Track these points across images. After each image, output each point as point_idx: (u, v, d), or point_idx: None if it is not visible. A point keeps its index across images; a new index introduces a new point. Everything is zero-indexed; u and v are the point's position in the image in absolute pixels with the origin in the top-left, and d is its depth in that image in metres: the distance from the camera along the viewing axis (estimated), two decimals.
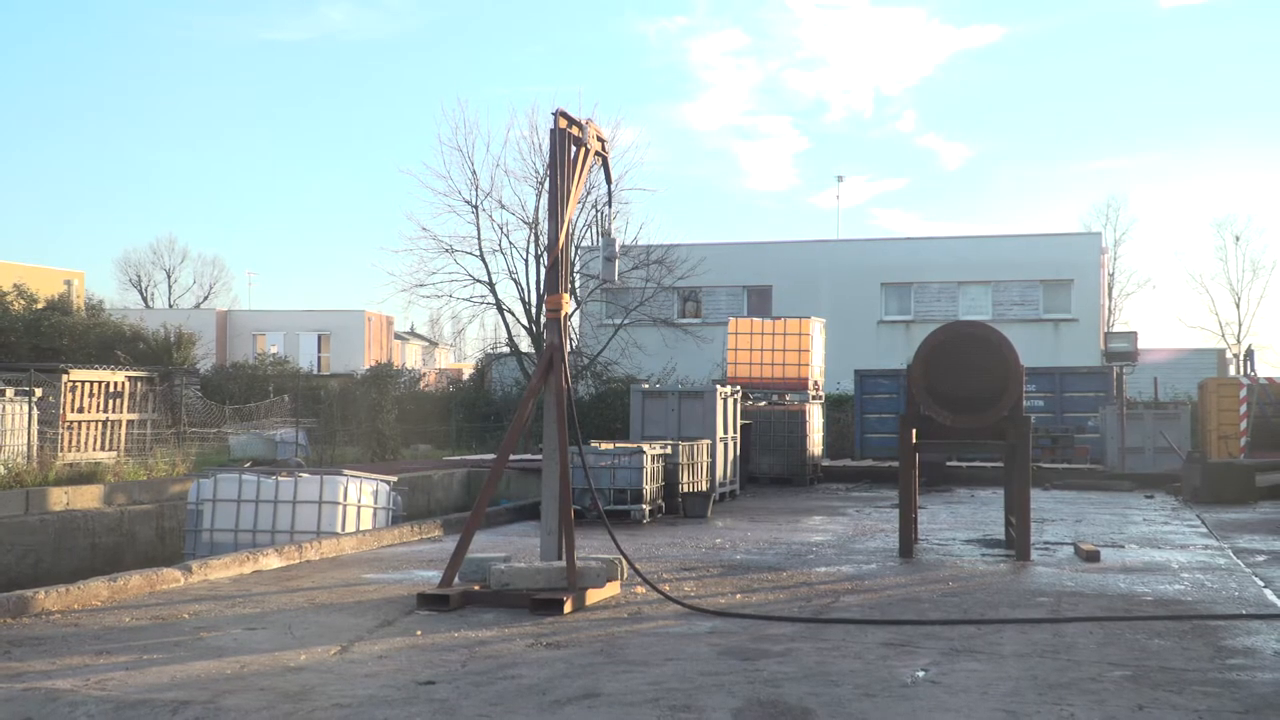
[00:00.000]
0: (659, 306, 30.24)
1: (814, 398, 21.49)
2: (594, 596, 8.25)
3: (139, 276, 63.67)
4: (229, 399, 27.36)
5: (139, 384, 16.30)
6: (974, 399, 10.21)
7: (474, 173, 28.30)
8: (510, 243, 28.84)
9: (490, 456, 20.07)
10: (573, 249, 18.93)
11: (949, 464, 21.01)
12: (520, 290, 29.04)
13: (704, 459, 16.08)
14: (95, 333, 27.64)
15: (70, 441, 14.98)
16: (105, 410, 15.35)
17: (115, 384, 15.38)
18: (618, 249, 9.43)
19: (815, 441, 21.14)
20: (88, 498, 12.94)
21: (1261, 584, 9.12)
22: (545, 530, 8.72)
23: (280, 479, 12.56)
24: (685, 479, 15.13)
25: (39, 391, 14.37)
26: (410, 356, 59.67)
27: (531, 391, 8.86)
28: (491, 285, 28.80)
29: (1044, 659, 6.36)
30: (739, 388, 19.09)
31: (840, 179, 47.08)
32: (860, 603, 8.31)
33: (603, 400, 27.85)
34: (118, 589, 8.40)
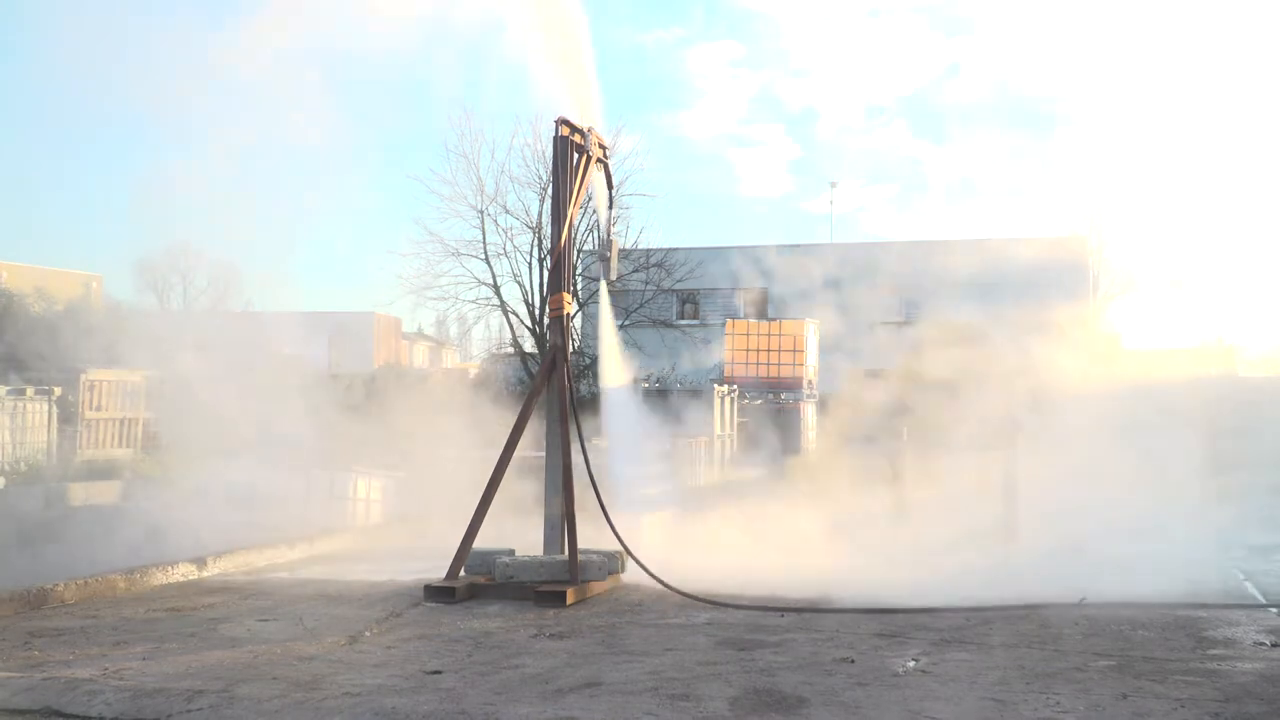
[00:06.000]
0: (658, 308, 30.50)
1: (809, 396, 21.73)
2: (596, 588, 8.45)
3: (155, 279, 63.46)
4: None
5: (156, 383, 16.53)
6: (964, 398, 10.43)
7: (479, 179, 28.51)
8: (514, 246, 29.10)
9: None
10: (575, 252, 19.12)
11: None
12: (524, 293, 29.33)
13: (702, 455, 16.32)
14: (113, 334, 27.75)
15: (88, 439, 15.25)
16: (122, 408, 15.64)
17: (132, 383, 15.65)
18: (616, 249, 9.69)
19: (810, 439, 21.37)
20: (106, 493, 13.19)
21: (1242, 577, 9.27)
22: (548, 524, 8.91)
23: (293, 474, 12.75)
24: (684, 474, 15.38)
25: (58, 390, 14.64)
26: (418, 356, 59.81)
27: (535, 390, 9.06)
28: (496, 288, 29.11)
29: (1031, 649, 6.52)
30: (736, 387, 19.33)
31: (833, 185, 46.75)
32: (855, 594, 8.47)
33: None
34: (134, 581, 8.62)
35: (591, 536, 8.86)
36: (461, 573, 8.55)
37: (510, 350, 30.98)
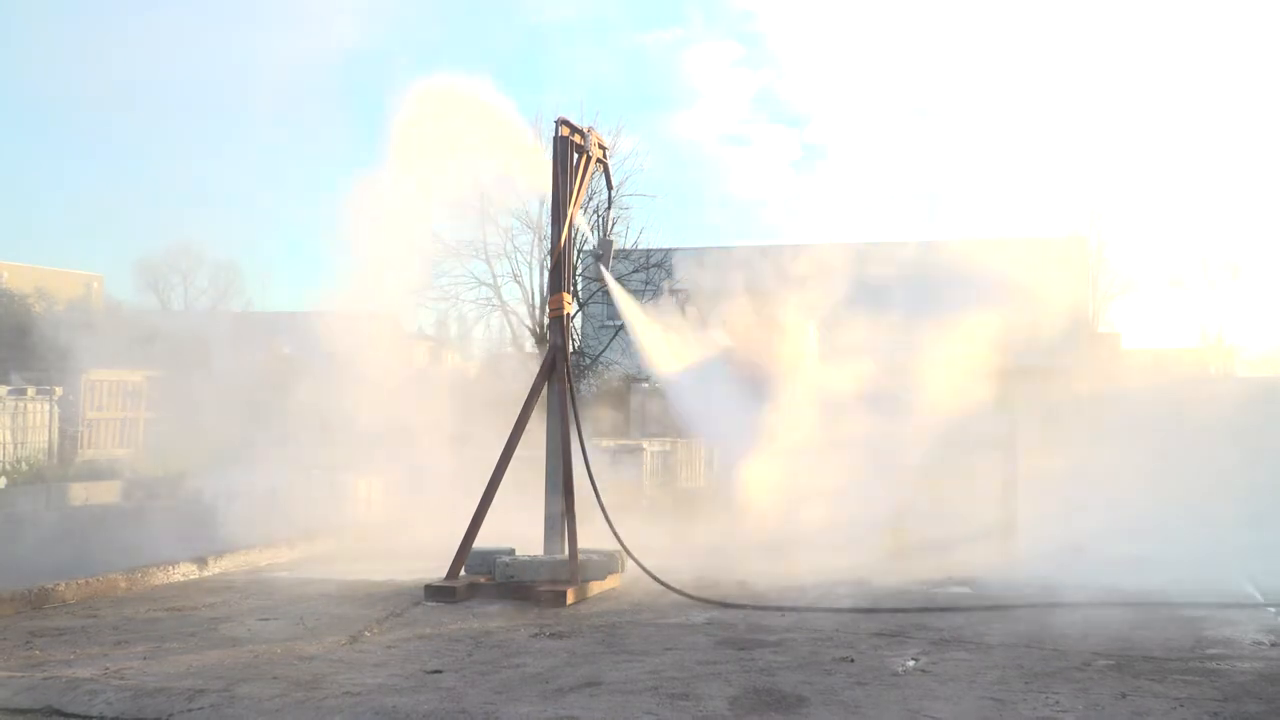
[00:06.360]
0: (659, 309, 30.57)
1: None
2: (596, 588, 8.47)
3: (156, 279, 63.41)
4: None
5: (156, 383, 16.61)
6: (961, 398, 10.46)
7: (479, 178, 28.54)
8: (515, 246, 29.17)
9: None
10: (575, 252, 19.17)
11: None
12: (524, 293, 29.41)
13: (701, 454, 16.37)
14: (114, 334, 27.73)
15: (90, 439, 15.33)
16: (124, 408, 15.73)
17: (133, 383, 15.75)
18: (612, 250, 9.72)
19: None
20: (106, 492, 13.21)
21: (1241, 576, 9.27)
22: (548, 524, 8.92)
23: (293, 474, 12.75)
24: (683, 474, 15.42)
25: (59, 390, 14.71)
26: (418, 356, 59.67)
27: (535, 390, 9.07)
28: (496, 288, 29.21)
29: (1030, 649, 6.53)
30: None
31: (832, 185, 46.53)
32: (853, 593, 8.49)
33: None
34: (135, 581, 8.64)
35: (591, 536, 8.87)
36: (462, 572, 8.57)
37: (511, 350, 31.04)
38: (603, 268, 9.76)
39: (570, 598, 8.03)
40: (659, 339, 10.22)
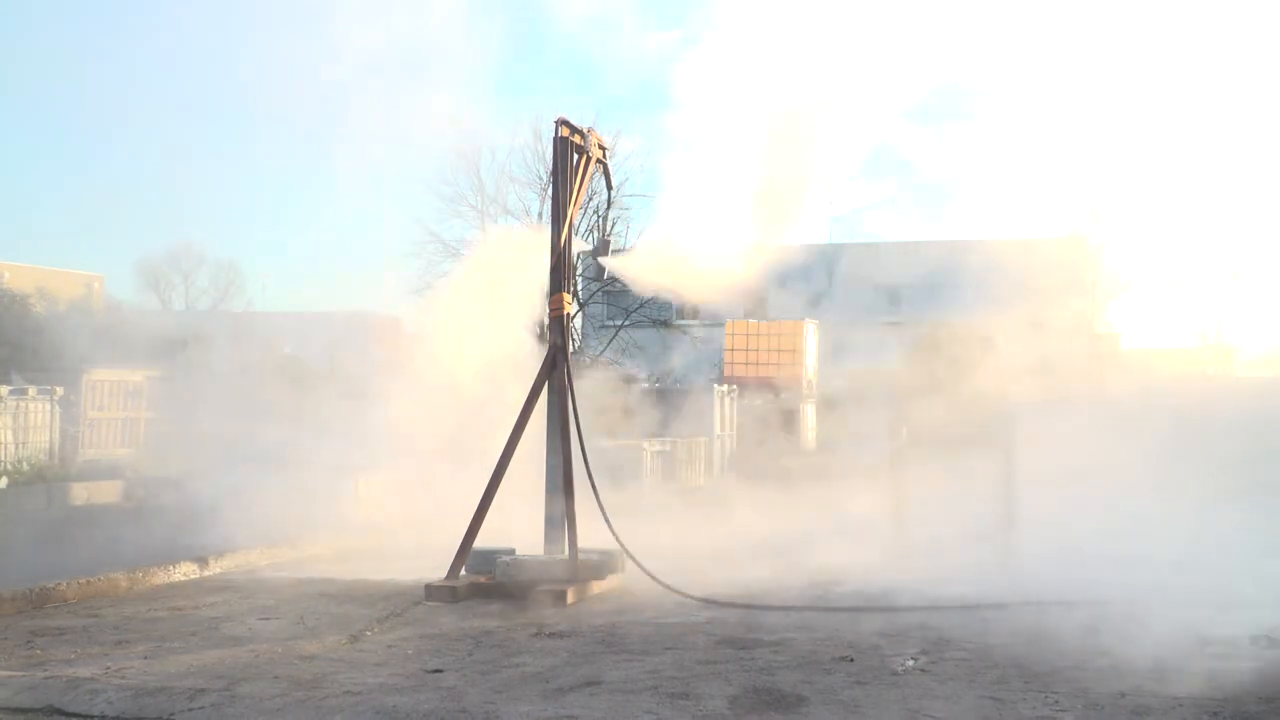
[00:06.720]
0: (658, 308, 30.60)
1: (808, 396, 21.85)
2: (596, 587, 8.49)
3: (157, 279, 63.50)
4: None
5: (158, 383, 16.64)
6: (961, 397, 10.48)
7: (479, 179, 28.61)
8: None
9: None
10: (574, 252, 19.25)
11: None
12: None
13: (701, 454, 16.39)
14: (115, 334, 27.71)
15: (91, 438, 15.36)
16: (125, 408, 15.75)
17: (134, 383, 15.77)
18: (610, 250, 9.73)
19: (809, 439, 21.47)
20: (108, 492, 13.23)
21: (1240, 576, 9.27)
22: (549, 524, 8.93)
23: (294, 474, 12.74)
24: (684, 474, 15.44)
25: (60, 390, 14.73)
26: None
27: (535, 390, 9.08)
28: None
29: (1029, 648, 6.52)
30: (735, 387, 19.44)
31: (833, 185, 46.43)
32: (853, 593, 8.50)
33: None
34: (136, 580, 8.66)
35: (591, 536, 8.88)
36: (462, 572, 8.59)
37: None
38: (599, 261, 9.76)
39: (570, 598, 8.05)
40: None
